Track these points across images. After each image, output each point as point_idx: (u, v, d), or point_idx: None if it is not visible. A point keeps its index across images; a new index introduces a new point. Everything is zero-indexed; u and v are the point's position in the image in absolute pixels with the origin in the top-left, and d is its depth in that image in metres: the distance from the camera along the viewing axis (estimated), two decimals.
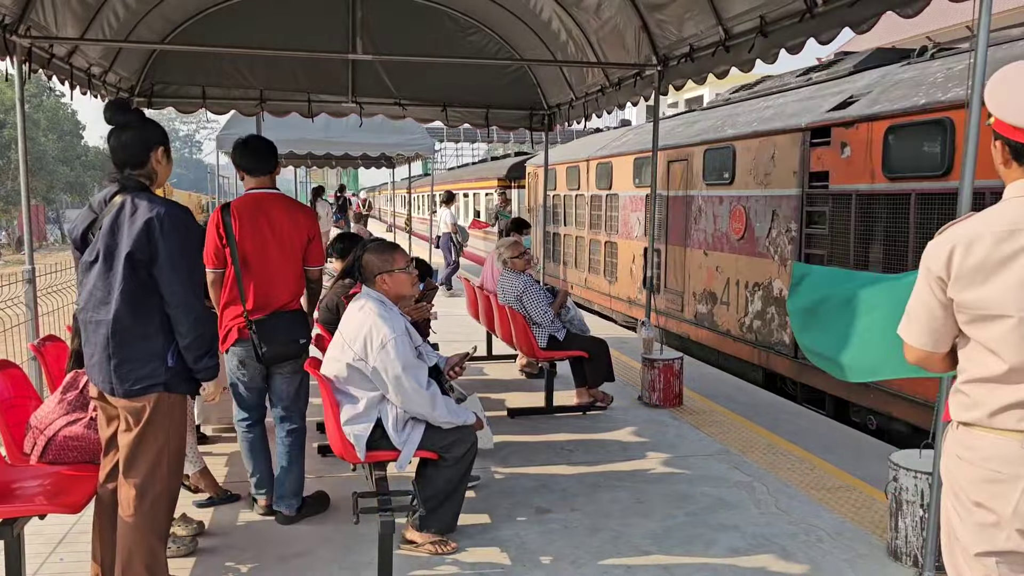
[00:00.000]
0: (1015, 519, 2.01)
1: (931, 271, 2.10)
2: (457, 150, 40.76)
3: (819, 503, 4.43)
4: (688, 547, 3.89)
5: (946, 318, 2.11)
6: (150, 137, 3.06)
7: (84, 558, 3.65)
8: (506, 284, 6.38)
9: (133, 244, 2.85)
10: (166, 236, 2.88)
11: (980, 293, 2.01)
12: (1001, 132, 2.04)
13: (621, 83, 7.31)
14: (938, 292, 2.10)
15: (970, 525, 2.10)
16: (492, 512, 4.30)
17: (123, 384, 2.93)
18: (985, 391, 2.05)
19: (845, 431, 5.91)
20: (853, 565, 3.69)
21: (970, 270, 2.02)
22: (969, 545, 2.11)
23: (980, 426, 2.06)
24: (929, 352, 2.18)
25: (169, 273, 2.89)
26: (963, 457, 2.10)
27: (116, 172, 3.05)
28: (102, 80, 6.99)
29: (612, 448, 5.42)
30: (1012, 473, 2.00)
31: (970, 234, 2.03)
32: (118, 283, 2.89)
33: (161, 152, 3.09)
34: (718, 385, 7.28)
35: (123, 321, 2.90)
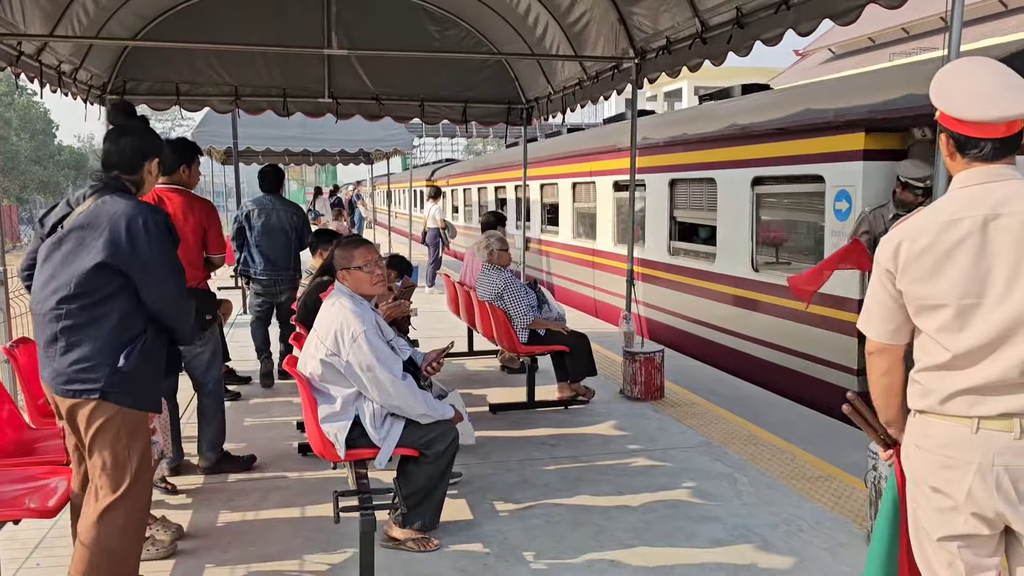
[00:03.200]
0: (969, 503, 2.06)
1: (881, 265, 2.18)
2: (436, 145, 40.66)
3: (800, 493, 4.45)
4: (670, 539, 3.90)
5: (899, 310, 2.17)
6: (148, 147, 3.04)
7: (63, 563, 3.60)
8: (487, 280, 6.36)
9: (111, 244, 2.77)
10: (152, 241, 2.82)
11: (924, 284, 2.08)
12: (946, 125, 2.10)
13: (599, 76, 7.30)
14: (888, 285, 2.17)
15: (930, 511, 2.15)
16: (474, 508, 4.29)
17: (61, 382, 2.83)
18: (935, 379, 2.11)
19: (826, 422, 5.95)
20: (833, 554, 3.72)
21: (914, 262, 2.09)
22: (931, 530, 2.16)
23: (933, 413, 2.12)
24: (888, 344, 2.23)
25: (161, 277, 2.85)
26: (920, 445, 2.16)
27: (102, 172, 2.98)
28: (72, 78, 6.88)
29: (594, 442, 5.43)
30: (964, 458, 2.05)
31: (916, 228, 2.11)
32: (81, 276, 2.78)
33: (155, 164, 3.06)
34: (700, 378, 7.30)
35: (77, 316, 2.79)
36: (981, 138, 2.04)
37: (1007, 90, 2.02)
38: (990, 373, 2.02)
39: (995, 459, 2.01)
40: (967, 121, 2.04)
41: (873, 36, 19.14)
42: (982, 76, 2.06)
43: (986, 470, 2.02)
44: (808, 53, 25.09)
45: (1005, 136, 2.03)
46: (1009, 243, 2.00)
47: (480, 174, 17.79)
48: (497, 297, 6.20)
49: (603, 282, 11.01)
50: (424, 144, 39.67)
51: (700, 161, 8.42)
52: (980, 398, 2.03)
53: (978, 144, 2.05)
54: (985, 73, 2.06)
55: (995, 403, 2.02)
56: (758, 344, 7.55)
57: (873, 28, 18.49)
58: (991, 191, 2.04)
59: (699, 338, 8.59)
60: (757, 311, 7.53)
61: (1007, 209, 2.01)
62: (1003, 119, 2.00)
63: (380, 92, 8.60)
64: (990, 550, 2.11)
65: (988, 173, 2.06)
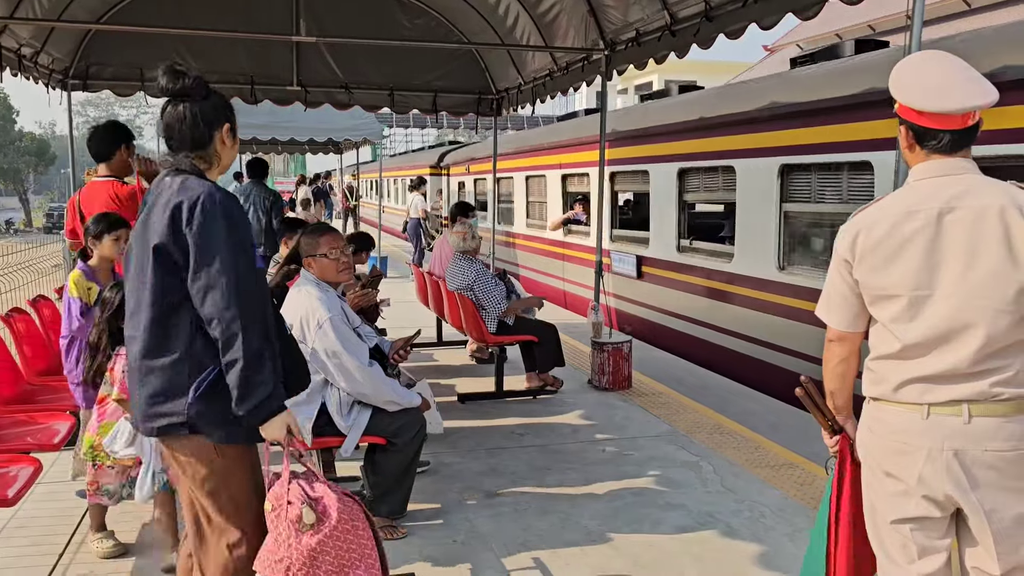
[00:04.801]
0: (920, 486, 2.11)
1: (839, 254, 2.22)
2: (407, 135, 40.43)
3: (763, 481, 4.52)
4: (636, 526, 3.95)
5: (856, 299, 2.22)
6: (215, 112, 2.43)
7: (24, 552, 3.57)
8: (457, 271, 6.35)
9: (160, 235, 2.26)
10: (198, 228, 2.23)
11: (878, 274, 2.13)
12: (904, 117, 2.14)
13: (569, 68, 7.32)
14: (846, 275, 2.21)
15: (883, 495, 2.21)
16: (442, 497, 4.30)
17: (145, 420, 2.35)
18: (888, 367, 2.16)
19: (790, 411, 6.04)
20: (794, 539, 3.79)
21: (870, 253, 2.13)
22: (884, 513, 2.22)
23: (886, 400, 2.17)
24: (846, 332, 2.27)
25: (207, 276, 2.22)
26: (873, 430, 2.21)
27: (169, 155, 2.43)
28: (34, 62, 6.74)
29: (562, 431, 5.46)
30: (916, 444, 2.10)
31: (872, 218, 2.15)
32: (148, 287, 2.30)
33: (227, 130, 2.46)
34: (668, 368, 7.37)
35: (151, 339, 2.31)
36: (940, 129, 2.07)
37: (965, 82, 2.06)
38: (941, 364, 2.06)
39: (944, 444, 2.06)
40: (926, 112, 2.07)
41: (840, 33, 19.40)
42: (940, 68, 2.10)
43: (936, 454, 2.07)
44: (777, 48, 25.36)
45: (962, 128, 2.07)
46: (962, 236, 2.03)
47: (531, 155, 12.75)
48: (467, 288, 6.20)
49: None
50: (394, 134, 39.44)
51: (718, 149, 7.69)
52: (931, 386, 2.08)
53: (936, 135, 2.09)
54: (943, 65, 2.10)
55: (945, 391, 2.07)
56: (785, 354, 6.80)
57: (840, 25, 18.73)
58: (948, 184, 2.07)
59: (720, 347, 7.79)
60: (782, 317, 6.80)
61: (961, 203, 2.04)
62: (961, 110, 2.04)
63: (349, 80, 8.53)
64: (941, 532, 2.17)
65: (946, 166, 2.10)
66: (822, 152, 6.29)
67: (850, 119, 5.96)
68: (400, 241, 21.62)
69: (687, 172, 8.36)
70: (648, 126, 9.09)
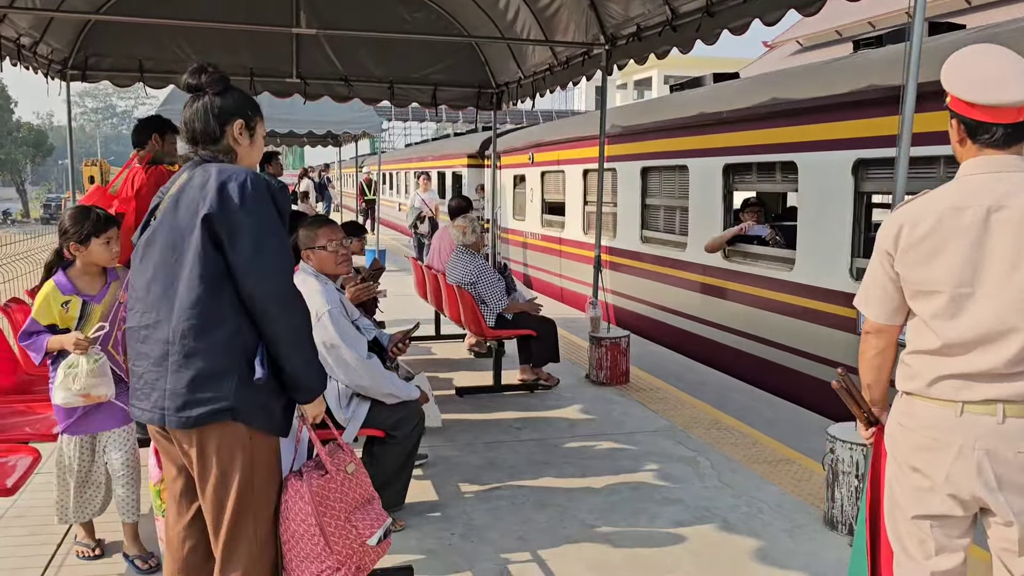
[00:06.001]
0: (947, 484, 2.10)
1: (881, 246, 2.18)
2: (405, 129, 40.39)
3: (761, 476, 4.53)
4: (633, 520, 3.96)
5: (896, 292, 2.19)
6: (226, 107, 2.41)
7: (22, 542, 3.58)
8: (459, 264, 6.35)
9: (208, 207, 2.20)
10: (248, 210, 2.21)
11: (921, 269, 2.10)
12: (956, 110, 2.10)
13: (569, 62, 7.31)
14: (887, 267, 2.18)
15: (908, 489, 2.19)
16: (440, 490, 4.31)
17: (181, 409, 2.22)
18: (923, 362, 2.14)
19: (787, 407, 6.05)
20: (791, 535, 3.80)
21: (913, 247, 2.10)
22: (906, 508, 2.21)
23: (920, 395, 2.15)
24: (884, 325, 2.25)
25: (254, 258, 2.20)
26: (904, 424, 2.19)
27: (191, 149, 2.45)
28: (33, 51, 6.72)
29: (559, 425, 5.47)
30: (947, 440, 2.08)
31: (918, 212, 2.11)
32: (190, 264, 2.22)
33: (239, 126, 2.41)
34: (665, 363, 7.38)
35: (197, 318, 2.20)
36: (993, 123, 2.03)
37: (1020, 75, 2.01)
38: (979, 364, 2.04)
39: (976, 442, 2.05)
40: (978, 105, 2.03)
41: (840, 29, 19.38)
42: (994, 61, 2.06)
43: (967, 452, 2.06)
44: (777, 45, 25.33)
45: (1016, 122, 2.03)
46: (1009, 235, 2.00)
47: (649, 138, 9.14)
48: (470, 283, 6.20)
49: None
50: (393, 128, 39.40)
51: (776, 142, 6.74)
52: (967, 384, 2.06)
53: (989, 129, 2.04)
54: (998, 58, 2.06)
55: (981, 389, 2.05)
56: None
57: (840, 22, 18.71)
58: (998, 181, 2.04)
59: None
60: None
61: (1012, 201, 2.01)
62: (1016, 103, 2.00)
63: (349, 73, 8.52)
64: (961, 531, 2.16)
65: (998, 163, 2.06)
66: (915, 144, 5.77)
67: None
68: (398, 234, 21.54)
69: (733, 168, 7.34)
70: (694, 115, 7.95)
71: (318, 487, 2.41)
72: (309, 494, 2.38)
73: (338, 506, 2.43)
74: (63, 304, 3.28)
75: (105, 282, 3.40)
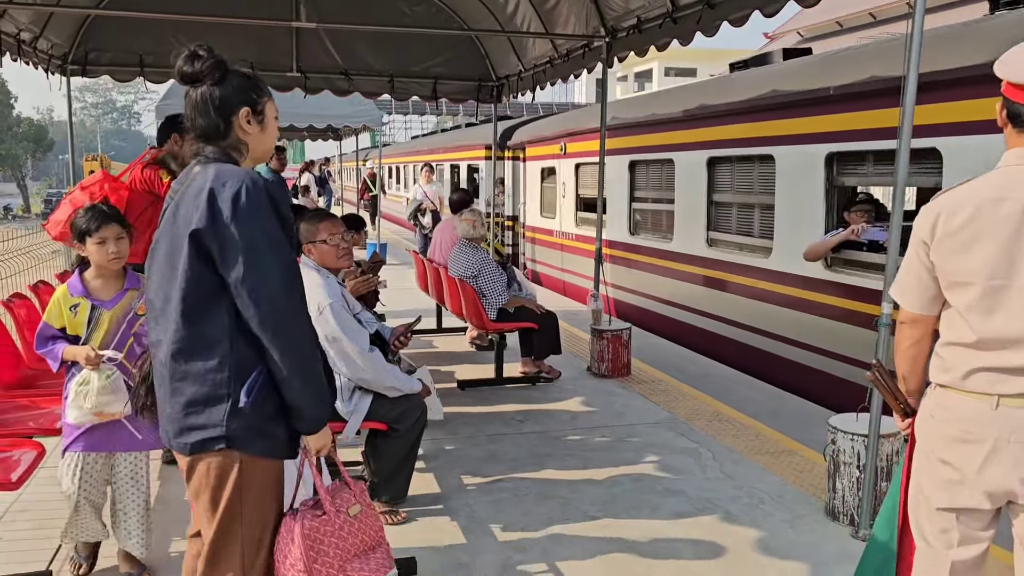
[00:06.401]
0: (979, 478, 2.08)
1: (918, 235, 2.16)
2: (406, 122, 40.32)
3: (762, 467, 4.55)
4: (635, 512, 3.97)
5: (931, 282, 2.16)
6: (227, 96, 2.18)
7: (25, 536, 3.59)
8: (461, 258, 6.35)
9: (197, 221, 2.02)
10: (241, 223, 2.00)
11: (955, 259, 2.07)
12: (1004, 93, 2.09)
13: (569, 55, 7.30)
14: (923, 256, 2.15)
15: (936, 481, 2.17)
16: (442, 482, 4.32)
17: (177, 435, 2.10)
18: (959, 355, 2.11)
19: (789, 399, 6.06)
20: (793, 525, 3.81)
21: (949, 236, 2.08)
22: (932, 500, 2.19)
23: (954, 388, 2.13)
24: (920, 315, 2.22)
25: (246, 277, 2.00)
26: (936, 416, 2.17)
27: (196, 144, 2.22)
28: (33, 47, 6.73)
29: (561, 418, 5.48)
30: (981, 434, 2.07)
31: (956, 201, 2.09)
32: (179, 280, 2.05)
33: (245, 115, 2.18)
34: (666, 356, 7.39)
35: (184, 340, 2.06)
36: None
37: None
38: (1016, 359, 2.02)
39: (1012, 436, 2.03)
40: (1019, 85, 2.01)
41: (841, 20, 19.33)
42: None
43: (1003, 446, 2.04)
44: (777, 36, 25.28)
45: None
46: None
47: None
48: (472, 277, 6.20)
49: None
50: (393, 121, 39.36)
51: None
52: (1003, 377, 2.04)
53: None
54: None
55: (1017, 383, 2.03)
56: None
57: (841, 13, 18.66)
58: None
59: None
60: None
61: None
62: None
63: (349, 67, 8.52)
64: (985, 523, 2.16)
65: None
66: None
67: None
68: (399, 228, 21.49)
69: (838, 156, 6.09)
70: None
71: (310, 528, 2.14)
72: (300, 535, 2.12)
73: (332, 552, 2.17)
74: (71, 307, 3.09)
75: (121, 288, 3.16)
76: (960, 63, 4.98)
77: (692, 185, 8.03)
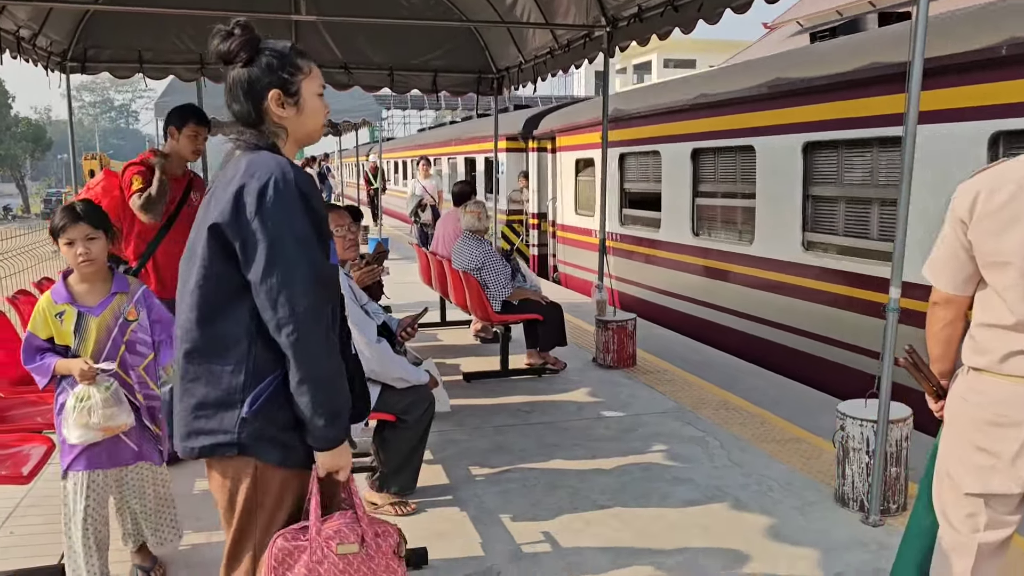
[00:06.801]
0: (1014, 463, 2.05)
1: (955, 214, 2.12)
2: (404, 117, 40.30)
3: (770, 455, 4.54)
4: (644, 500, 3.97)
5: (969, 262, 2.13)
6: (255, 79, 2.02)
7: (37, 531, 3.59)
8: (465, 250, 6.34)
9: (219, 215, 1.92)
10: (266, 219, 1.88)
11: (994, 239, 2.04)
12: None
13: (570, 45, 7.27)
14: (960, 235, 2.12)
15: (967, 466, 2.14)
16: (451, 473, 4.32)
17: (184, 438, 2.01)
18: (995, 337, 2.08)
19: (794, 387, 6.06)
20: (803, 512, 3.81)
21: (990, 215, 2.04)
22: (962, 484, 2.16)
23: (990, 371, 2.10)
24: (954, 295, 2.19)
25: (266, 278, 1.88)
26: (969, 400, 2.14)
27: (237, 131, 2.09)
28: (32, 44, 6.70)
29: (568, 408, 5.48)
30: (1017, 417, 2.04)
31: (996, 179, 2.05)
32: (196, 276, 1.96)
33: (276, 98, 2.03)
34: (671, 345, 7.39)
35: (199, 339, 1.96)
36: None
37: None
38: None
39: None
40: None
41: (841, 9, 19.29)
42: None
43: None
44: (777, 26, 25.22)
45: None
46: None
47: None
48: (476, 269, 6.19)
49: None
50: (392, 116, 39.32)
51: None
52: None
53: None
54: None
55: None
56: None
57: (841, 2, 18.62)
58: None
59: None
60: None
61: None
62: None
63: (348, 61, 8.48)
64: (1012, 508, 2.15)
65: None
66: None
67: None
68: (400, 223, 21.48)
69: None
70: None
71: (281, 550, 1.93)
72: (269, 553, 1.94)
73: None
74: (56, 315, 2.86)
75: (108, 292, 2.92)
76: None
77: (782, 174, 6.71)
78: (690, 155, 8.14)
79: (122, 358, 2.93)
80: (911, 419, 3.75)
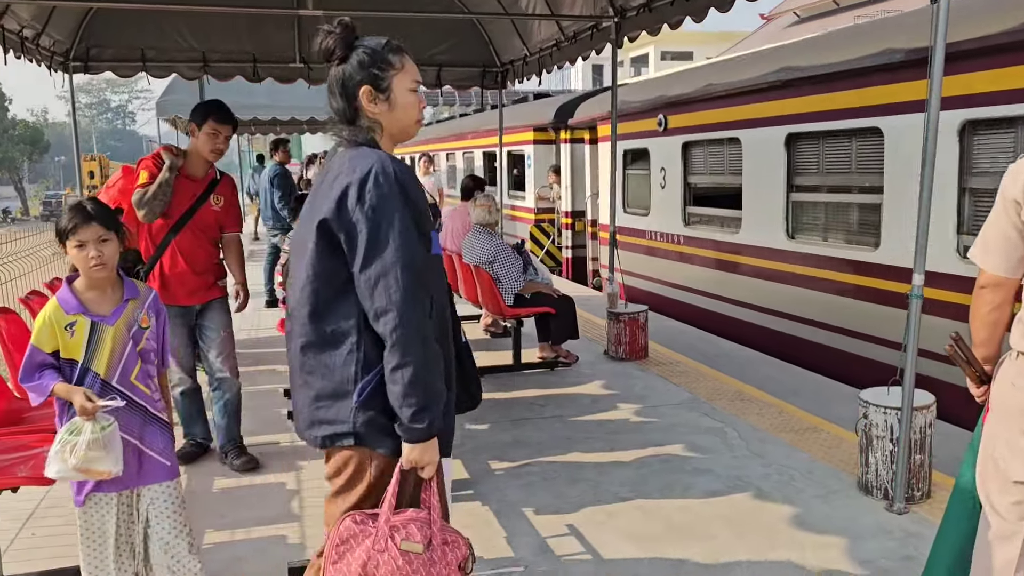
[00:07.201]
0: None
1: (1008, 194, 2.08)
2: None
3: (790, 444, 4.52)
4: (666, 491, 3.95)
5: (1021, 242, 2.08)
6: (348, 76, 2.07)
7: (57, 532, 3.57)
8: (476, 244, 6.31)
9: (326, 211, 1.96)
10: (368, 210, 1.91)
11: None
12: None
13: (576, 37, 7.23)
14: (1013, 216, 2.07)
15: (1017, 451, 2.10)
16: (471, 467, 4.30)
17: (308, 427, 2.07)
18: None
19: (809, 377, 6.04)
20: (826, 500, 3.79)
21: None
22: (1010, 471, 2.12)
23: None
24: (1004, 278, 2.15)
25: (365, 268, 1.92)
26: (1017, 385, 2.10)
27: (338, 129, 2.14)
28: (35, 44, 6.66)
29: (582, 402, 5.46)
30: None
31: None
32: (306, 272, 2.01)
33: (367, 94, 2.06)
34: (681, 337, 7.37)
35: (312, 332, 2.02)
36: None
37: None
38: None
39: None
40: None
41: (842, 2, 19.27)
42: None
43: None
44: (774, 16, 25.16)
45: None
46: None
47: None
48: (487, 263, 6.16)
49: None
50: None
51: None
52: None
53: None
54: None
55: None
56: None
57: None
58: None
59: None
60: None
61: None
62: None
63: None
64: None
65: None
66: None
67: None
68: None
69: None
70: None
71: (346, 529, 1.99)
72: (335, 532, 2.00)
73: (355, 567, 1.96)
74: (67, 326, 2.56)
75: (121, 299, 2.65)
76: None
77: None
78: (783, 141, 6.77)
79: (140, 373, 2.69)
80: (935, 406, 3.73)
